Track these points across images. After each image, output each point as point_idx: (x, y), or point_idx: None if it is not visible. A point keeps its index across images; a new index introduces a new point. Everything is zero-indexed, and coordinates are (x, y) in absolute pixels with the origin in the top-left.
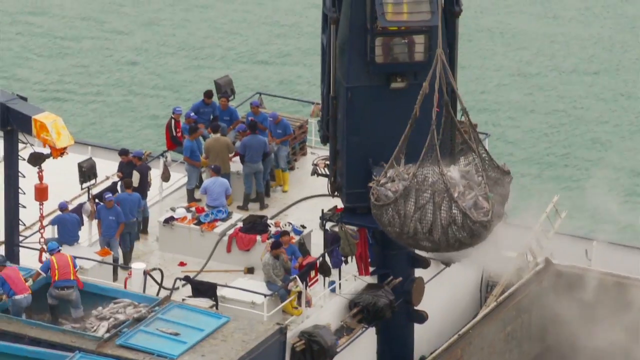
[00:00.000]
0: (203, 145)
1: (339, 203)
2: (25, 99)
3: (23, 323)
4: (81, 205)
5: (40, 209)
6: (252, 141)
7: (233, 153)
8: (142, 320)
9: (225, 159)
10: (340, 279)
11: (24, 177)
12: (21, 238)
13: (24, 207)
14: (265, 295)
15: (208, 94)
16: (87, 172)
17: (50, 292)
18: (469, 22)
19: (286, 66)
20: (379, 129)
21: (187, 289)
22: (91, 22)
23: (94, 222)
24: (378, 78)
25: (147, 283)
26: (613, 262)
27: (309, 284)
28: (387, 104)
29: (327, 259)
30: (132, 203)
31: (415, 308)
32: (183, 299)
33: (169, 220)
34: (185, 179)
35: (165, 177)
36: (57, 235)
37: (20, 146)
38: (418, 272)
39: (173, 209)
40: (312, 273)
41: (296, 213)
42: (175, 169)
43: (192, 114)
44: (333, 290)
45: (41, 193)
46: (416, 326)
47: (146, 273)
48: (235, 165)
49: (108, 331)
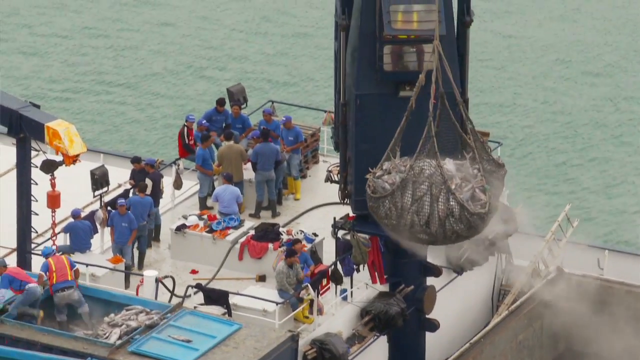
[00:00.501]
0: (215, 153)
1: (351, 211)
2: (38, 107)
3: (35, 330)
4: (93, 212)
5: (52, 217)
6: (264, 149)
7: (246, 160)
8: (154, 327)
9: (238, 167)
10: (352, 287)
11: (37, 185)
12: (33, 245)
13: (37, 215)
14: (277, 303)
15: (220, 102)
16: (100, 180)
17: (56, 305)
18: (483, 29)
19: (300, 74)
20: (388, 137)
21: (199, 297)
22: (105, 30)
23: (107, 230)
24: (387, 86)
25: (159, 290)
26: (625, 271)
27: (321, 292)
28: (396, 112)
29: (339, 267)
30: (144, 207)
31: (426, 316)
32: (195, 307)
33: (181, 227)
34: (197, 187)
35: (177, 185)
36: (70, 242)
37: (32, 153)
38: (430, 281)
39: (185, 217)
40: (324, 281)
41: (308, 221)
42: (187, 177)
43: (205, 122)
44: (345, 298)
45: (53, 200)
46: (428, 334)
47: (158, 280)
48: (247, 172)
49: (120, 338)
